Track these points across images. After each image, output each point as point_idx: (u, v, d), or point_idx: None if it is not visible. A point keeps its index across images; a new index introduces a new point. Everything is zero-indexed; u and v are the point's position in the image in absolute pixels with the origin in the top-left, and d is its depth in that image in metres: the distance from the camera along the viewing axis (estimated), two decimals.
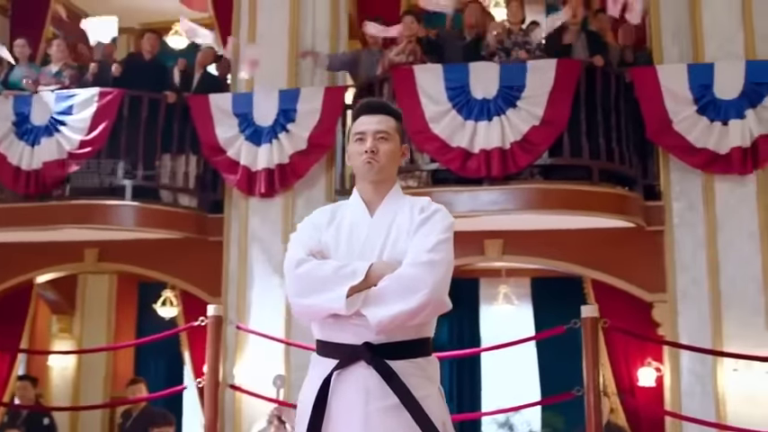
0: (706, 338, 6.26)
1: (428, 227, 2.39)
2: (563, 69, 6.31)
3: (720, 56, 6.64)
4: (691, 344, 6.16)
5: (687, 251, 6.57)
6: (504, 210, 6.38)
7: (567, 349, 6.79)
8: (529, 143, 6.24)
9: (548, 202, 6.40)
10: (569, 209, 6.34)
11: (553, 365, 8.57)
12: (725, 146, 6.40)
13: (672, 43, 6.93)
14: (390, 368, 2.28)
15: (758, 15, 6.73)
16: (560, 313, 9.24)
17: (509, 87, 6.30)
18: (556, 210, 6.38)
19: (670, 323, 6.54)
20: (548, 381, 8.90)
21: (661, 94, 6.52)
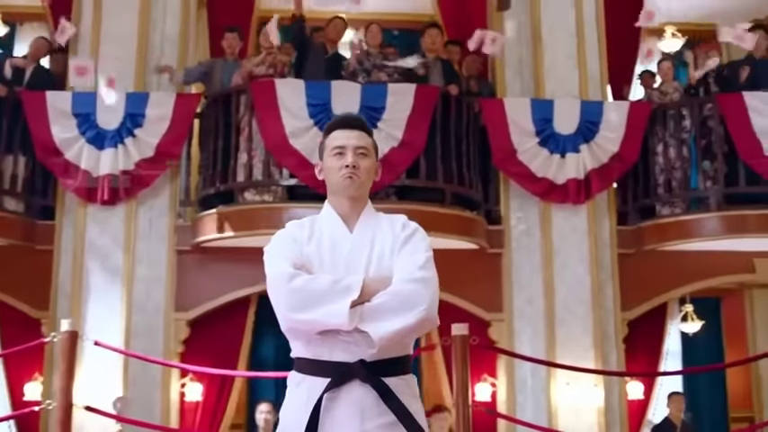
0: (540, 355, 6.68)
1: (413, 244, 2.41)
2: (421, 95, 6.51)
3: (558, 93, 7.18)
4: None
5: (524, 273, 7.00)
6: None
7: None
8: (388, 164, 6.35)
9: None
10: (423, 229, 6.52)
11: None
12: (562, 177, 6.91)
13: (514, 78, 7.39)
14: (387, 386, 2.26)
15: (591, 59, 7.37)
16: None
17: (370, 108, 6.39)
18: None
19: (507, 340, 6.90)
20: None
21: (507, 124, 6.93)
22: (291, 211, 6.39)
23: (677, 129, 7.15)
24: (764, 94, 6.79)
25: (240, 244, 6.70)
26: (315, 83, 6.48)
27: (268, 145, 6.41)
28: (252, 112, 6.51)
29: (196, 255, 6.87)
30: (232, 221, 6.43)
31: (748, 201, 6.86)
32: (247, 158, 6.46)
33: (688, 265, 7.19)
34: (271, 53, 6.72)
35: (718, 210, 6.86)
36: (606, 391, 6.75)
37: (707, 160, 7.08)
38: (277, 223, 6.36)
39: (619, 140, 7.01)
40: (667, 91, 7.43)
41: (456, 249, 6.92)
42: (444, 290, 7.03)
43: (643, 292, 7.22)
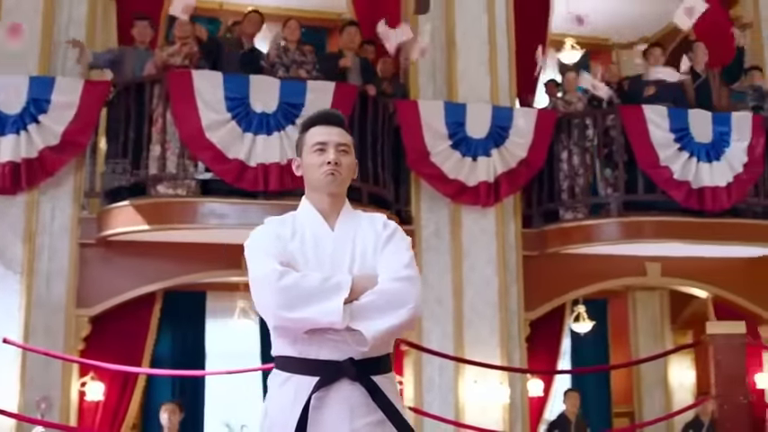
0: (449, 353, 6.81)
1: (396, 243, 2.42)
2: (340, 93, 6.50)
3: (471, 98, 7.33)
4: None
5: (434, 273, 7.12)
6: None
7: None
8: None
9: None
10: None
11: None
12: (473, 179, 7.08)
13: (427, 81, 7.50)
14: (375, 384, 2.27)
15: (501, 66, 7.58)
16: None
17: (289, 104, 6.34)
18: None
19: (416, 340, 6.99)
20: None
21: (421, 126, 7.03)
22: (206, 205, 6.27)
23: (581, 137, 7.46)
24: (662, 108, 7.17)
25: (150, 238, 6.52)
26: (233, 76, 6.36)
27: (183, 137, 6.24)
28: (166, 103, 6.32)
29: (101, 248, 6.62)
30: (143, 215, 6.23)
31: (645, 208, 7.24)
32: (161, 150, 6.27)
33: (588, 267, 7.53)
34: (186, 43, 6.54)
35: (617, 216, 7.20)
36: (510, 388, 6.96)
37: (608, 168, 7.42)
38: (190, 218, 6.27)
39: (527, 146, 7.24)
40: (571, 100, 7.73)
41: None
42: None
43: (545, 293, 7.50)
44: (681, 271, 7.87)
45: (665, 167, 7.07)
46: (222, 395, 8.96)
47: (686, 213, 7.16)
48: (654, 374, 10.11)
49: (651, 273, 7.79)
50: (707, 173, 7.13)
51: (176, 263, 6.75)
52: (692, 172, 7.11)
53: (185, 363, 8.38)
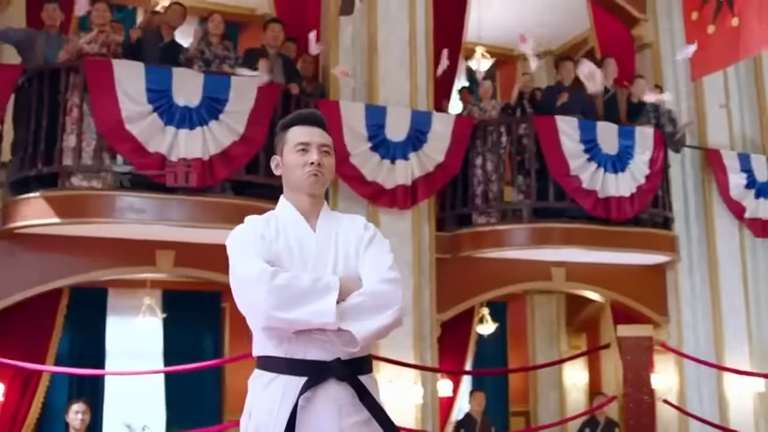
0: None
1: (378, 246, 2.45)
2: (264, 90, 6.44)
3: (391, 101, 7.40)
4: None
5: None
6: (192, 222, 6.25)
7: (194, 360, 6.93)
8: (228, 157, 6.24)
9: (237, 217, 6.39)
10: None
11: (179, 377, 8.53)
12: (391, 182, 7.15)
13: (346, 82, 7.51)
14: (362, 383, 2.28)
15: (420, 71, 7.69)
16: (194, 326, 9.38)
17: (213, 99, 6.23)
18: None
19: None
20: (175, 391, 8.89)
21: (342, 127, 7.04)
22: (123, 199, 6.08)
23: (495, 144, 7.66)
24: (574, 119, 7.46)
25: (59, 232, 6.25)
26: (155, 68, 6.19)
27: (101, 128, 6.03)
28: (83, 92, 6.09)
29: (4, 241, 6.30)
30: (55, 207, 5.97)
31: (554, 215, 7.51)
32: (76, 141, 6.03)
33: (498, 271, 7.73)
34: (103, 31, 6.32)
35: (528, 222, 7.44)
36: (423, 388, 7.07)
37: (520, 175, 7.65)
38: (107, 212, 6.06)
39: (444, 151, 7.37)
40: (486, 108, 7.93)
41: None
42: None
43: (456, 296, 7.65)
44: (583, 276, 8.19)
45: (574, 177, 7.36)
46: (122, 395, 8.71)
47: (592, 221, 7.47)
48: (549, 376, 10.50)
49: (556, 277, 8.08)
50: (613, 183, 7.47)
51: (85, 258, 6.50)
52: (600, 182, 7.43)
53: (85, 361, 8.10)
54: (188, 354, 8.63)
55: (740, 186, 8.68)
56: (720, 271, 8.58)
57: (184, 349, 8.90)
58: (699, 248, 8.59)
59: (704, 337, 8.36)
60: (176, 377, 8.70)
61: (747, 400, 8.30)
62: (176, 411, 8.88)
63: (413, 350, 7.09)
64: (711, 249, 8.62)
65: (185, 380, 8.65)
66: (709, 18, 8.00)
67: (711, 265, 8.58)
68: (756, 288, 8.76)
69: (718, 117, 8.94)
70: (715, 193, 8.73)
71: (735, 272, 8.66)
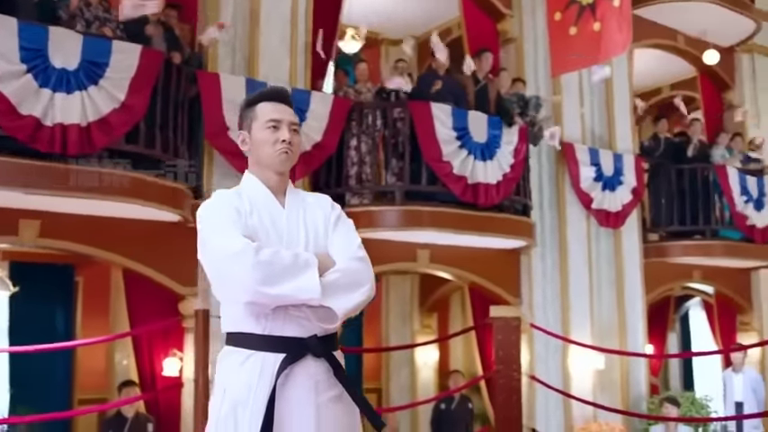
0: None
1: (345, 224, 2.51)
2: (147, 58, 6.21)
3: (271, 77, 7.34)
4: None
5: None
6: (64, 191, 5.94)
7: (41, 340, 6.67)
8: (107, 125, 5.98)
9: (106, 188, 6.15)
10: (132, 197, 6.21)
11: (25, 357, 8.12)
12: None
13: (226, 54, 7.38)
14: (337, 359, 2.33)
15: (300, 49, 7.68)
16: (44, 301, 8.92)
17: (92, 63, 5.94)
18: (113, 197, 6.17)
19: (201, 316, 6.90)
20: (20, 369, 8.43)
21: (221, 101, 6.93)
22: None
23: (370, 127, 7.80)
24: (447, 107, 7.72)
25: None
26: (30, 25, 5.80)
27: None
28: None
29: None
30: None
31: (425, 198, 7.75)
32: None
33: (369, 251, 7.86)
34: None
35: (401, 204, 7.64)
36: None
37: (394, 158, 7.83)
38: None
39: (322, 130, 7.42)
40: (362, 90, 8.04)
41: (156, 221, 6.75)
42: (141, 262, 6.90)
43: None
44: (445, 258, 8.51)
45: (446, 162, 7.63)
46: None
47: (460, 206, 7.78)
48: (401, 354, 10.82)
49: (421, 258, 8.35)
50: (481, 170, 7.81)
51: None
52: (469, 168, 7.75)
53: None
54: (37, 330, 8.22)
55: (589, 179, 9.34)
56: (569, 256, 9.21)
57: (33, 325, 8.44)
58: (551, 235, 9.16)
59: (553, 318, 8.94)
60: (23, 354, 8.25)
61: (588, 375, 8.98)
62: (22, 390, 8.42)
63: None
64: (562, 236, 9.23)
65: (33, 357, 8.21)
66: (571, 20, 8.52)
67: (562, 250, 9.19)
68: (599, 273, 9.48)
69: (573, 113, 9.54)
70: (567, 183, 9.34)
71: (582, 257, 9.33)
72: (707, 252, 10.15)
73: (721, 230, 10.25)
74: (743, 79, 11.93)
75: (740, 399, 8.60)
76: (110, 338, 7.65)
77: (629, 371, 9.51)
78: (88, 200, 6.03)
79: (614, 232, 9.72)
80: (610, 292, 9.56)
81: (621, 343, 9.39)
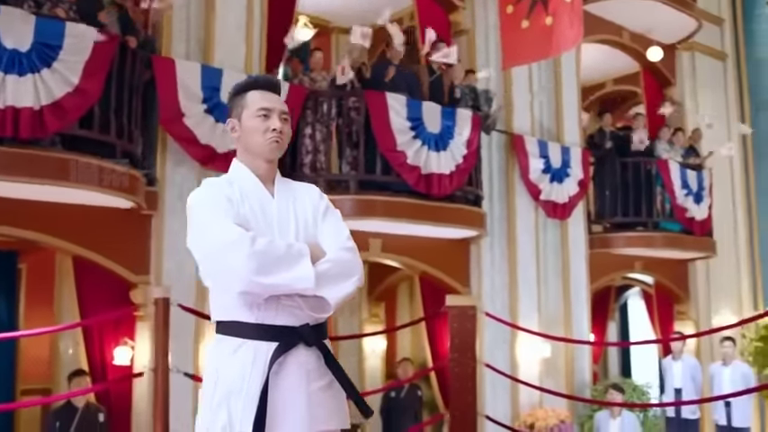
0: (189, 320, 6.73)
1: (333, 214, 2.52)
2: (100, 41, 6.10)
3: (226, 63, 7.28)
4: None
5: (175, 237, 6.97)
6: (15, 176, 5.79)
7: None
8: (60, 109, 5.84)
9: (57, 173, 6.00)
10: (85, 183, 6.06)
11: None
12: (224, 147, 7.03)
13: (179, 39, 7.27)
14: (328, 348, 2.35)
15: (256, 35, 7.62)
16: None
17: (45, 45, 5.78)
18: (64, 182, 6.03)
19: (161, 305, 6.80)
20: None
21: (177, 86, 6.84)
22: None
23: (325, 116, 7.78)
24: (402, 97, 7.76)
25: None
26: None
27: None
28: None
29: None
30: None
31: (379, 188, 7.79)
32: None
33: None
34: None
35: (355, 193, 7.66)
36: None
37: (348, 148, 7.83)
38: None
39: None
40: (317, 79, 8.02)
41: (109, 207, 6.64)
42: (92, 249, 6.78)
43: None
44: (397, 248, 8.57)
45: (401, 152, 7.67)
46: None
47: (413, 195, 7.84)
48: (349, 342, 10.84)
49: (373, 248, 8.38)
50: (435, 161, 7.88)
51: None
52: (423, 159, 7.81)
53: None
54: None
55: (538, 171, 9.51)
56: (518, 246, 9.37)
57: None
58: (500, 225, 9.30)
59: (501, 307, 9.09)
60: None
61: (535, 363, 9.16)
62: None
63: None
64: (511, 226, 9.38)
65: None
66: (523, 13, 8.63)
67: (510, 240, 9.34)
68: (546, 263, 9.67)
69: (523, 105, 9.69)
70: (517, 175, 9.48)
71: (529, 248, 9.50)
72: (648, 243, 10.44)
73: (662, 222, 10.56)
74: (683, 76, 12.27)
75: (679, 385, 8.89)
76: (63, 328, 7.51)
77: (573, 359, 9.74)
78: (38, 185, 5.89)
79: (561, 223, 9.92)
80: (556, 282, 9.76)
81: (567, 331, 9.60)
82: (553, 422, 8.63)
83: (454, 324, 5.65)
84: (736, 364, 8.78)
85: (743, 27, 13.32)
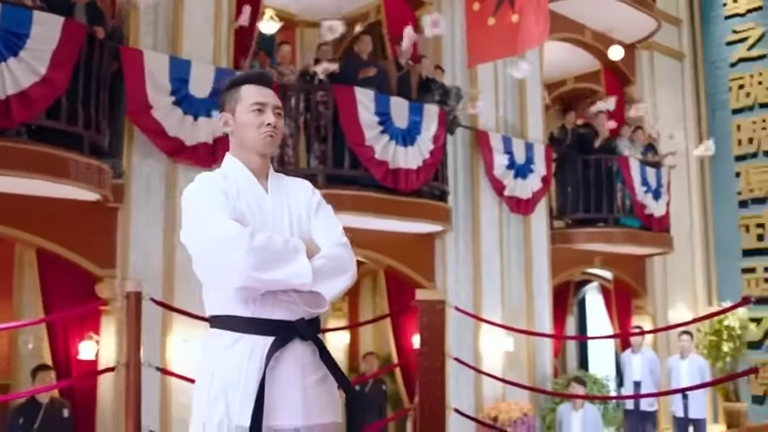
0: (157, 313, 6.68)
1: (326, 210, 2.55)
2: (69, 30, 5.98)
3: (195, 55, 7.23)
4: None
5: (142, 230, 6.92)
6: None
7: None
8: (27, 99, 5.75)
9: (22, 164, 5.90)
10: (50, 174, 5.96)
11: None
12: (193, 139, 7.01)
13: (147, 29, 7.19)
14: (322, 342, 2.37)
15: (224, 27, 7.57)
16: None
17: (11, 33, 5.68)
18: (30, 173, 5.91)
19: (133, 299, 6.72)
20: None
21: (145, 78, 6.77)
22: None
23: (294, 109, 7.77)
24: (371, 92, 7.78)
25: None
26: None
27: None
28: None
29: None
30: None
31: (347, 182, 7.80)
32: None
33: None
34: None
35: (323, 187, 7.60)
36: None
37: (317, 142, 7.83)
38: None
39: None
40: (285, 72, 8.00)
41: (74, 200, 6.55)
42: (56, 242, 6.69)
43: None
44: (364, 242, 8.55)
45: (369, 147, 7.70)
46: None
47: (381, 190, 7.87)
48: None
49: None
50: (402, 156, 7.92)
51: None
52: (391, 153, 7.85)
53: None
54: None
55: (502, 166, 9.61)
56: (482, 241, 9.46)
57: None
58: (464, 220, 9.38)
59: (465, 301, 9.16)
60: None
61: (498, 357, 9.27)
62: None
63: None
64: (475, 221, 9.47)
65: None
66: (490, 11, 8.71)
67: (475, 235, 9.43)
68: (509, 258, 9.78)
69: (488, 102, 9.77)
70: (481, 170, 9.57)
71: (493, 242, 9.60)
72: (609, 239, 10.62)
73: (622, 219, 10.75)
74: (643, 75, 12.50)
75: (638, 378, 9.08)
76: (30, 323, 7.35)
77: (535, 352, 9.88)
78: (2, 176, 5.78)
79: (524, 219, 10.04)
80: (519, 277, 9.88)
81: (529, 325, 9.73)
82: (516, 415, 8.75)
83: (423, 318, 5.68)
84: (693, 358, 9.00)
85: (700, 28, 13.60)
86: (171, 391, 6.76)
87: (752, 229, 12.74)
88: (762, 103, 12.83)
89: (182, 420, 6.71)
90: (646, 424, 9.06)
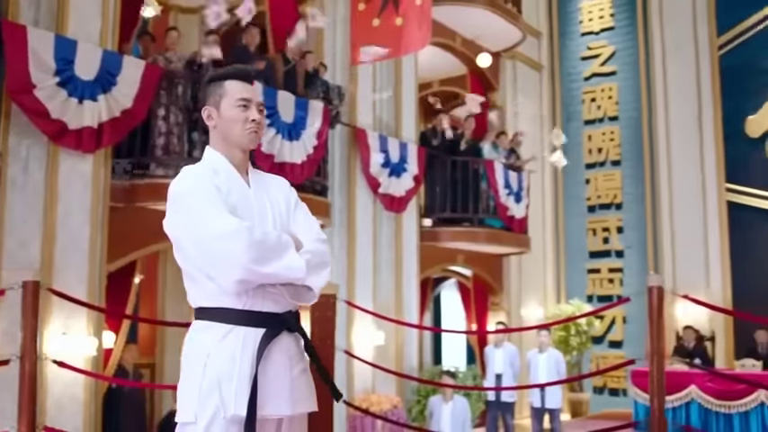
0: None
1: (302, 207, 2.62)
2: None
3: (80, 35, 6.94)
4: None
5: (19, 215, 6.58)
6: None
7: None
8: None
9: None
10: None
11: None
12: (77, 122, 6.75)
13: (29, 4, 6.84)
14: (306, 334, 2.45)
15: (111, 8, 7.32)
16: None
17: None
18: None
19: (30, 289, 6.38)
20: None
21: (28, 56, 6.45)
22: None
23: (180, 97, 7.62)
24: (260, 85, 7.75)
25: None
26: None
27: None
28: None
29: None
30: None
31: None
32: None
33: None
34: None
35: None
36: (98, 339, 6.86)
37: (196, 131, 7.71)
38: None
39: (132, 97, 7.15)
40: (172, 59, 7.83)
41: None
42: None
43: (127, 246, 7.49)
44: None
45: None
46: None
47: None
48: (177, 330, 10.65)
49: None
50: (288, 150, 7.98)
51: None
52: (277, 147, 7.88)
53: None
54: None
55: (378, 164, 9.84)
56: (357, 237, 9.65)
57: None
58: (340, 216, 9.54)
59: (339, 295, 9.31)
60: None
61: (369, 350, 9.50)
62: None
63: (87, 300, 6.81)
64: (351, 217, 9.65)
65: None
66: (374, 12, 8.92)
67: (350, 231, 9.61)
68: (381, 254, 10.03)
69: (366, 100, 9.98)
70: (358, 167, 9.76)
71: (367, 239, 9.81)
72: (473, 238, 11.12)
73: (486, 219, 11.27)
74: (506, 82, 13.14)
75: (500, 371, 9.58)
76: None
77: (403, 345, 10.19)
78: None
79: (396, 216, 10.33)
80: (389, 273, 10.16)
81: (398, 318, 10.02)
82: (386, 407, 9.02)
83: (315, 313, 5.81)
84: (551, 351, 9.60)
85: (558, 41, 14.45)
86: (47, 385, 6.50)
87: (598, 233, 13.73)
88: (611, 116, 13.84)
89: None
90: (505, 414, 9.58)
